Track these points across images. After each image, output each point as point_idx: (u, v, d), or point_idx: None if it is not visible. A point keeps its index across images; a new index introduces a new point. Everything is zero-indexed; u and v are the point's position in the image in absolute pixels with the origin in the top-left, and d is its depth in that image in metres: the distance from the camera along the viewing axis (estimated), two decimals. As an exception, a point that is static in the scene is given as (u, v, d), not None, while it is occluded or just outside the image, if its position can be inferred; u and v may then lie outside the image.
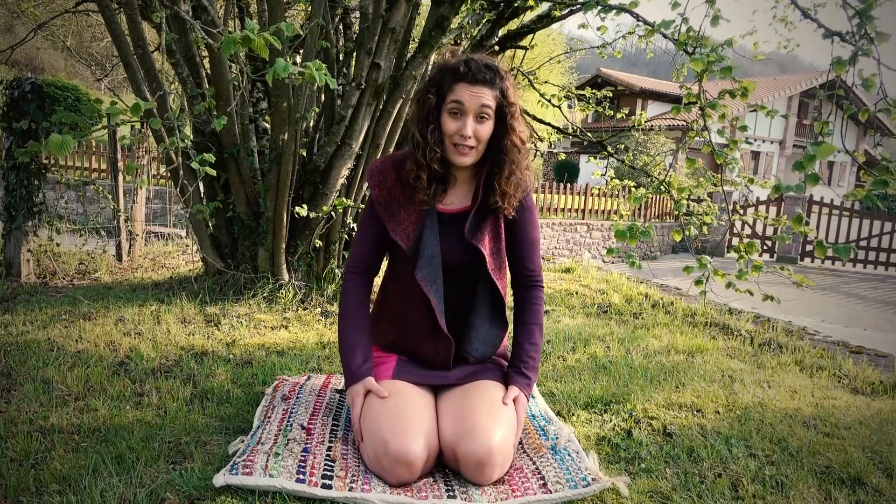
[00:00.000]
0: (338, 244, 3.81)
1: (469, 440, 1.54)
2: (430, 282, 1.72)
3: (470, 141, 1.67)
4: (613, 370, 2.62)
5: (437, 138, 1.69)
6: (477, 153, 1.71)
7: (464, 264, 1.76)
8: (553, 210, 11.84)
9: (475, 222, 1.75)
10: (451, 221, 1.77)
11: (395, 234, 1.74)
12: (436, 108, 1.70)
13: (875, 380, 2.78)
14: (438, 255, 1.73)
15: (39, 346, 2.47)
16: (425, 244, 1.72)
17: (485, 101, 1.66)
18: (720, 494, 1.61)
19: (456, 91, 1.67)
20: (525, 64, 5.72)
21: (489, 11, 4.11)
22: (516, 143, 1.72)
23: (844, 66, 2.11)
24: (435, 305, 1.71)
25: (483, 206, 1.75)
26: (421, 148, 1.69)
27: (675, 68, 4.15)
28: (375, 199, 1.77)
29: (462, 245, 1.74)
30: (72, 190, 8.38)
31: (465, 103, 1.66)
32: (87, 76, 19.26)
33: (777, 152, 26.71)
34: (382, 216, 1.75)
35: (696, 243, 12.05)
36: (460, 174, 1.78)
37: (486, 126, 1.68)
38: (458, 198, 1.79)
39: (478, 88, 1.66)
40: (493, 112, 1.69)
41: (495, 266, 1.77)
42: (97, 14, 4.32)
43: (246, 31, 1.61)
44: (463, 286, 1.78)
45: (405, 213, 1.75)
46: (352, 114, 3.46)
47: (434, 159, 1.68)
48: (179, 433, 1.79)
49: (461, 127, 1.66)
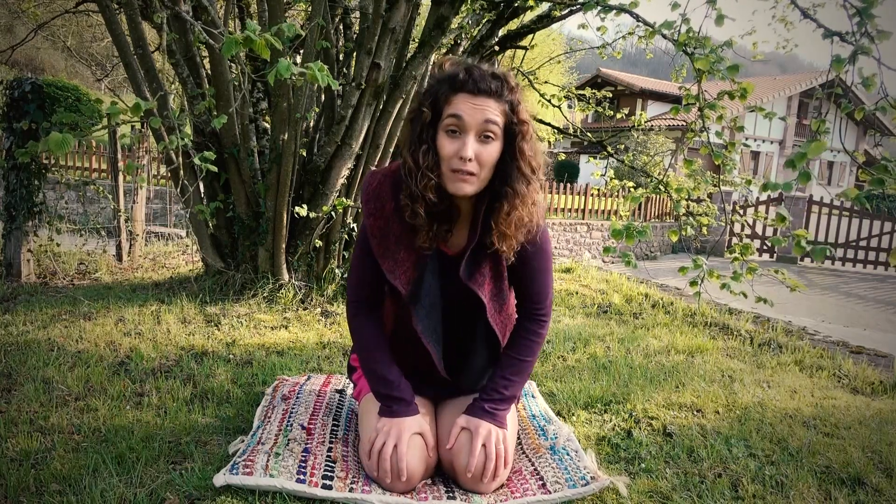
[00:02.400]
0: (338, 244, 3.81)
1: (464, 456, 1.51)
2: (430, 333, 1.55)
3: (470, 165, 1.38)
4: (613, 370, 2.62)
5: (431, 162, 1.40)
6: (480, 181, 1.42)
7: (464, 305, 1.57)
8: (553, 210, 11.84)
9: (472, 262, 1.52)
10: (453, 262, 1.56)
11: (391, 277, 1.51)
12: (430, 126, 1.41)
13: (875, 380, 2.78)
14: (439, 304, 1.55)
15: (40, 346, 2.47)
16: (426, 291, 1.52)
17: (489, 115, 1.38)
18: (720, 494, 1.61)
19: (454, 103, 1.39)
20: (525, 64, 5.72)
21: (489, 11, 4.11)
22: (524, 171, 1.42)
23: (843, 64, 2.11)
24: (435, 358, 1.57)
25: (481, 245, 1.50)
26: (413, 175, 1.41)
27: (674, 69, 4.15)
28: (369, 231, 1.52)
29: (461, 287, 1.54)
30: (72, 190, 8.37)
31: (464, 117, 1.37)
32: (87, 76, 19.25)
33: (777, 152, 26.71)
34: (376, 252, 1.51)
35: (695, 243, 12.06)
36: (464, 204, 1.50)
37: (490, 147, 1.40)
38: (461, 236, 1.55)
39: (481, 100, 1.38)
40: (500, 130, 1.40)
41: (495, 310, 1.58)
42: (97, 14, 4.32)
43: (247, 31, 1.61)
44: (461, 325, 1.61)
45: (404, 253, 1.51)
46: (352, 114, 3.46)
47: (428, 188, 1.40)
48: (179, 433, 1.79)
49: (460, 147, 1.37)
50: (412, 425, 1.52)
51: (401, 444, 1.48)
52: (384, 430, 1.51)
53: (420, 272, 1.52)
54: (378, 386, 1.57)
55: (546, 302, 1.64)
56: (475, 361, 1.64)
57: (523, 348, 1.62)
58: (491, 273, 1.56)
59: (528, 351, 1.63)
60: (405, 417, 1.52)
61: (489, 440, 1.50)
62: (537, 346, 1.64)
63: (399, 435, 1.49)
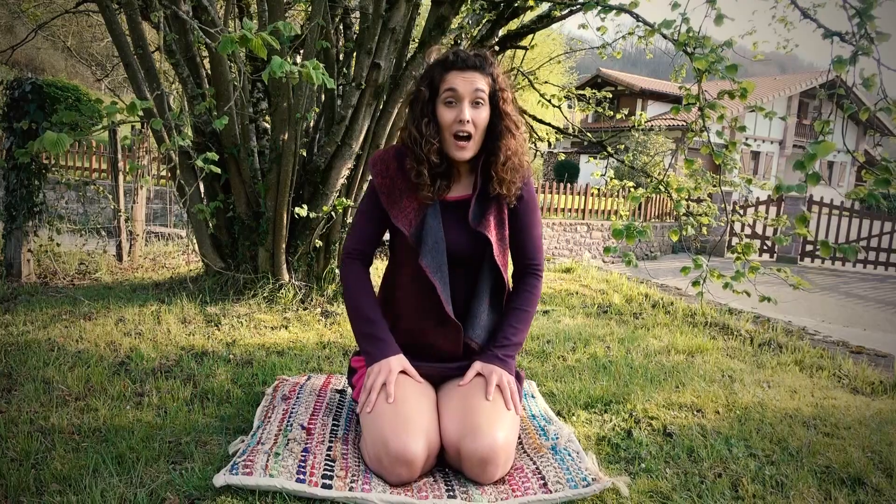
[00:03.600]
0: (338, 244, 3.81)
1: (473, 438, 1.54)
2: (435, 269, 1.70)
3: (468, 126, 1.65)
4: (613, 370, 2.62)
5: (432, 131, 1.67)
6: (475, 143, 1.69)
7: (470, 252, 1.75)
8: (553, 210, 11.84)
9: (478, 209, 1.74)
10: (454, 208, 1.75)
11: (396, 221, 1.71)
12: (429, 102, 1.69)
13: (875, 380, 2.78)
14: (443, 242, 1.71)
15: (40, 346, 2.47)
16: (428, 231, 1.70)
17: (478, 85, 1.66)
18: (720, 494, 1.61)
19: (448, 79, 1.67)
20: (525, 64, 5.72)
21: (489, 11, 4.11)
22: (510, 127, 1.71)
23: (845, 65, 2.11)
24: (441, 292, 1.69)
25: (484, 194, 1.74)
26: (417, 142, 1.68)
27: (674, 69, 4.15)
28: (378, 187, 1.75)
29: (467, 233, 1.73)
30: (72, 190, 8.38)
31: (458, 89, 1.65)
32: (87, 76, 19.26)
33: (777, 152, 26.71)
34: (384, 203, 1.73)
35: (696, 243, 12.05)
36: (462, 166, 1.76)
37: (482, 112, 1.68)
38: (460, 187, 1.78)
39: (469, 73, 1.66)
40: (487, 98, 1.68)
41: (500, 251, 1.76)
42: (97, 14, 4.32)
43: (244, 30, 1.61)
44: (466, 273, 1.77)
45: (407, 201, 1.72)
46: (352, 114, 3.46)
47: (432, 151, 1.67)
48: (179, 433, 1.79)
49: (458, 113, 1.65)
50: (397, 363, 1.68)
51: (389, 382, 1.63)
52: (373, 372, 1.66)
53: (422, 216, 1.72)
54: (361, 325, 1.73)
55: (539, 256, 1.85)
56: (478, 307, 1.77)
57: (524, 300, 1.81)
58: (495, 221, 1.76)
59: (529, 301, 1.82)
60: (388, 357, 1.68)
61: (502, 381, 1.69)
62: (535, 297, 1.83)
63: (388, 371, 1.65)
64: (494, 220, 1.75)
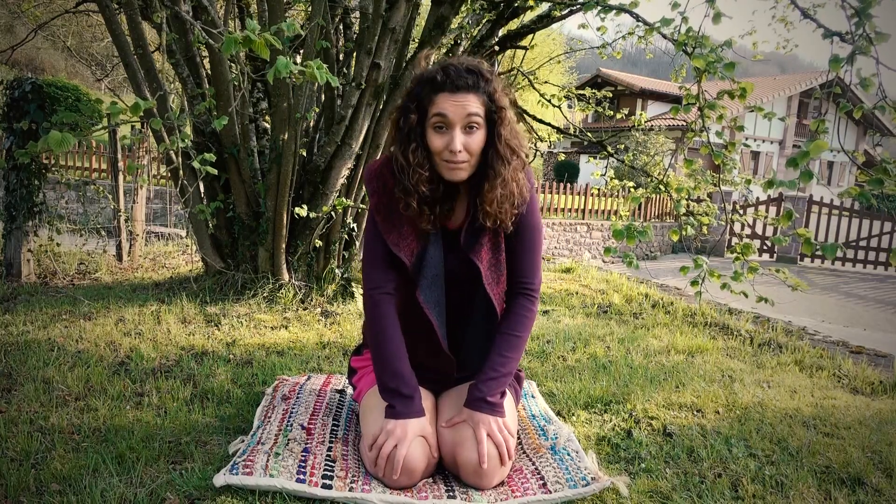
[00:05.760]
0: (338, 244, 3.81)
1: (468, 447, 1.53)
2: (433, 305, 1.61)
3: (461, 156, 1.50)
4: (613, 370, 2.62)
5: (420, 158, 1.51)
6: (471, 166, 1.54)
7: (464, 277, 1.65)
8: (553, 210, 11.84)
9: (472, 235, 1.62)
10: (456, 234, 1.65)
11: (396, 249, 1.58)
12: (418, 125, 1.53)
13: (875, 380, 2.78)
14: (442, 276, 1.62)
15: (40, 346, 2.47)
16: (429, 263, 1.60)
17: (471, 109, 1.49)
18: (720, 494, 1.61)
19: (437, 103, 1.49)
20: (525, 64, 5.72)
21: (489, 11, 4.11)
22: (502, 153, 1.53)
23: (841, 63, 2.11)
24: (437, 328, 1.62)
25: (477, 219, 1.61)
26: (405, 171, 1.52)
27: (674, 69, 4.15)
28: (374, 208, 1.62)
29: (460, 258, 1.64)
30: (72, 190, 8.38)
31: (448, 115, 1.48)
32: (87, 76, 19.26)
33: (777, 152, 26.70)
34: (382, 229, 1.59)
35: (695, 243, 12.05)
36: (462, 184, 1.61)
37: (476, 136, 1.51)
38: (463, 211, 1.65)
39: (461, 96, 1.48)
40: (482, 120, 1.51)
41: (492, 280, 1.64)
42: (97, 14, 4.32)
43: (247, 31, 1.61)
44: (461, 296, 1.68)
45: (407, 227, 1.59)
46: (352, 114, 3.46)
47: (421, 181, 1.51)
48: (179, 433, 1.79)
49: (449, 141, 1.49)
50: (416, 428, 1.54)
51: (402, 446, 1.50)
52: (388, 430, 1.53)
53: (423, 244, 1.60)
54: (387, 379, 1.58)
55: (536, 278, 1.70)
56: (474, 336, 1.69)
57: (516, 324, 1.66)
58: (490, 244, 1.64)
59: (521, 326, 1.67)
60: (410, 419, 1.54)
61: (492, 431, 1.54)
62: (529, 321, 1.68)
63: (402, 437, 1.51)
64: (489, 243, 1.63)
